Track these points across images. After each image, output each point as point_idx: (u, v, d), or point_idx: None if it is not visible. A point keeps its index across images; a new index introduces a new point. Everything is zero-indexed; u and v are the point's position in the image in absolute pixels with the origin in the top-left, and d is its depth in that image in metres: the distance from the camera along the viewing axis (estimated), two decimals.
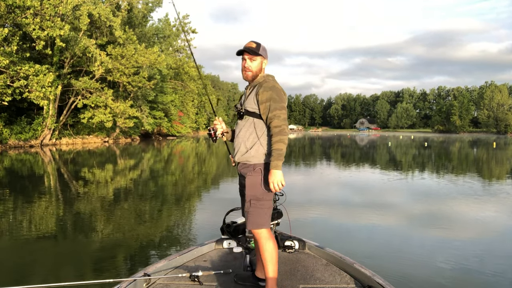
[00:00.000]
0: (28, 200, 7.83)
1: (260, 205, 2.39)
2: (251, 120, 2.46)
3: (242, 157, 2.47)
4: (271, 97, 2.37)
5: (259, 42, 2.50)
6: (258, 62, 2.48)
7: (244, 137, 2.47)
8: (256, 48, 2.46)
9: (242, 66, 2.50)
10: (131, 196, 8.41)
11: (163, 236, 5.30)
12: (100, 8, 25.84)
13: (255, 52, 2.45)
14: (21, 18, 21.09)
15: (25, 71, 21.46)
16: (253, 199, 2.40)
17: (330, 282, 2.64)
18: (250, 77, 2.50)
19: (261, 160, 2.42)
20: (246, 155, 2.44)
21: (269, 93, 2.38)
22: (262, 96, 2.39)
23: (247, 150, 2.44)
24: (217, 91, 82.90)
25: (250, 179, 2.42)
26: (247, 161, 2.44)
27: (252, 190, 2.41)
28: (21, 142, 24.83)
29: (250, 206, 2.40)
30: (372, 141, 43.72)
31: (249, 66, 2.48)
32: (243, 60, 2.49)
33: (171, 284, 2.61)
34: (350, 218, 6.27)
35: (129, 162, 16.87)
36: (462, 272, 3.93)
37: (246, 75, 2.50)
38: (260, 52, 2.47)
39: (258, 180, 2.40)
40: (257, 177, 2.41)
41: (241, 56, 2.51)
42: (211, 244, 3.35)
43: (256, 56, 2.47)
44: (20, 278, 3.70)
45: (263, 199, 2.40)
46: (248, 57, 2.47)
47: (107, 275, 3.66)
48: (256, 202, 2.39)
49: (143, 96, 34.29)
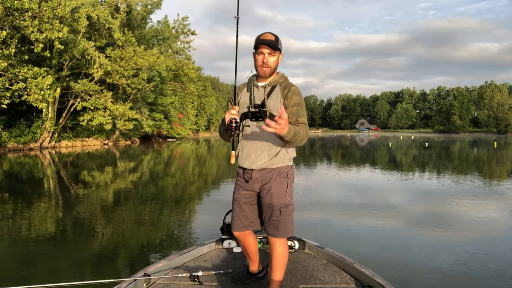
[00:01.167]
0: (28, 203, 7.78)
1: (289, 211, 2.32)
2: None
3: (265, 164, 2.29)
4: (300, 103, 2.25)
5: (276, 35, 2.26)
6: (276, 57, 2.28)
7: (266, 144, 2.29)
8: (276, 42, 2.23)
9: (259, 61, 2.26)
10: (131, 198, 8.37)
11: (163, 237, 5.29)
12: (99, 10, 25.81)
13: (276, 46, 2.23)
14: (20, 20, 21.06)
15: (24, 74, 21.41)
16: (283, 206, 2.29)
17: (330, 282, 2.63)
18: (268, 73, 2.29)
19: (285, 164, 2.31)
20: (271, 161, 2.29)
21: (298, 98, 2.26)
22: (291, 100, 2.25)
23: (271, 157, 2.29)
24: (217, 93, 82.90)
25: (277, 186, 2.28)
26: (270, 165, 2.29)
27: (281, 198, 2.29)
28: (20, 145, 24.78)
29: (280, 215, 2.29)
30: (372, 142, 43.67)
31: (268, 61, 2.25)
32: (261, 54, 2.25)
33: (171, 284, 2.60)
34: (350, 218, 6.24)
35: (129, 165, 16.82)
36: (462, 272, 3.91)
37: (264, 72, 2.27)
38: (279, 46, 2.26)
39: (285, 186, 2.29)
40: (283, 183, 2.29)
41: (254, 50, 2.28)
42: (211, 244, 3.34)
43: (275, 51, 2.25)
44: (20, 278, 3.70)
45: (290, 204, 2.32)
46: (268, 51, 2.23)
47: (107, 275, 3.67)
48: (286, 209, 2.30)
49: (142, 98, 34.26)
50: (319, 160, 18.84)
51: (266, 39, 2.22)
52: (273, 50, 2.24)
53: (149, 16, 38.32)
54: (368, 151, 26.71)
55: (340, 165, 16.44)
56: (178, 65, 44.69)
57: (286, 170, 2.31)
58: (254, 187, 2.35)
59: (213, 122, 78.23)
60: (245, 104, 2.36)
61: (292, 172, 2.34)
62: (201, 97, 63.52)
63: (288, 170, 2.32)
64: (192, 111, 55.29)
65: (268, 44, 2.21)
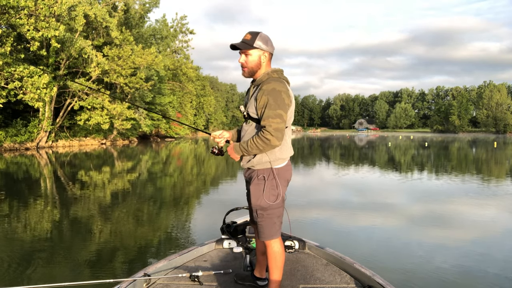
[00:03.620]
0: (25, 203, 7.69)
1: (268, 214, 2.27)
2: (254, 125, 2.28)
3: (247, 164, 2.32)
4: (267, 103, 2.13)
5: (257, 32, 2.20)
6: (255, 56, 2.20)
7: None
8: (250, 40, 2.17)
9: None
10: (130, 198, 8.31)
11: (163, 237, 5.31)
12: (96, 8, 25.64)
13: (248, 45, 2.17)
14: (15, 18, 20.88)
15: (20, 73, 21.24)
16: (259, 209, 2.28)
17: (330, 282, 2.63)
18: (247, 73, 2.25)
19: (264, 166, 2.26)
20: (250, 163, 2.29)
21: (266, 98, 2.13)
22: (260, 101, 2.16)
23: (249, 159, 2.29)
24: (215, 93, 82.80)
25: (254, 188, 2.28)
26: (252, 166, 2.30)
27: (257, 199, 2.27)
28: (17, 145, 24.60)
29: (257, 217, 2.30)
30: (371, 142, 43.65)
31: (243, 62, 2.23)
32: (240, 56, 2.25)
33: (171, 284, 2.61)
34: (350, 218, 6.23)
35: (127, 164, 16.69)
36: (462, 272, 3.91)
37: (242, 72, 2.26)
38: (255, 44, 2.17)
39: (261, 189, 2.25)
40: (260, 185, 2.26)
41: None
42: (211, 244, 3.34)
43: (250, 50, 2.19)
44: (20, 278, 3.69)
45: (269, 208, 2.26)
46: (242, 52, 2.21)
47: (107, 275, 3.67)
48: (263, 212, 2.27)
49: (140, 97, 34.09)
50: (318, 160, 18.77)
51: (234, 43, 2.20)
52: (246, 50, 2.19)
53: (147, 14, 38.19)
54: (367, 151, 26.64)
55: (339, 165, 16.38)
56: (177, 64, 44.54)
57: (263, 172, 2.26)
58: (247, 185, 2.42)
59: (212, 121, 78.15)
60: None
61: (273, 176, 2.25)
62: (200, 96, 63.41)
63: (266, 173, 2.25)
64: (191, 110, 55.19)
65: (234, 47, 2.20)
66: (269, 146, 2.13)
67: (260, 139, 2.14)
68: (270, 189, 2.25)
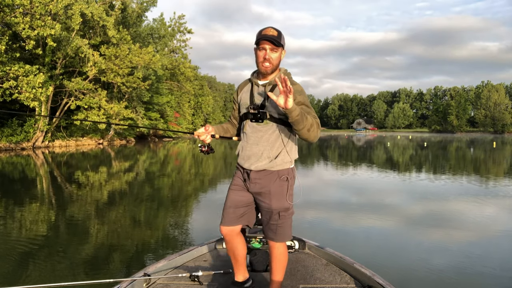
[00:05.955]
0: (21, 204, 7.58)
1: (288, 215, 2.26)
2: (275, 126, 2.19)
3: (265, 165, 2.20)
4: (305, 102, 2.13)
5: (279, 30, 2.13)
6: (279, 53, 2.14)
7: (266, 145, 2.20)
8: (279, 37, 2.09)
9: (261, 57, 2.12)
10: (128, 198, 8.24)
11: (163, 237, 5.30)
12: (93, 7, 25.44)
13: (278, 42, 2.08)
14: (10, 17, 20.68)
15: (15, 72, 21.04)
16: (282, 210, 2.22)
17: (330, 282, 2.63)
18: (270, 70, 2.16)
19: (285, 166, 2.22)
20: (271, 163, 2.20)
21: (302, 97, 2.13)
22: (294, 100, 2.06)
23: (271, 159, 2.20)
24: (214, 92, 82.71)
25: (276, 189, 2.20)
26: (270, 167, 2.21)
27: (280, 201, 2.21)
28: (12, 145, 24.37)
29: (279, 219, 2.23)
30: (370, 142, 43.65)
31: (270, 57, 2.11)
32: (262, 50, 2.11)
33: (171, 284, 2.61)
34: (350, 218, 6.21)
35: (124, 165, 16.56)
36: (462, 272, 3.90)
37: (265, 68, 2.14)
38: (282, 42, 2.13)
39: (285, 189, 2.22)
40: (283, 186, 2.22)
41: (256, 46, 2.14)
42: (211, 244, 3.33)
43: (278, 47, 2.12)
44: (20, 278, 3.68)
45: (290, 208, 2.26)
46: (270, 47, 2.10)
47: (107, 275, 3.67)
48: (285, 213, 2.24)
49: (138, 97, 33.92)
50: (317, 160, 18.71)
51: (268, 34, 2.09)
52: (275, 46, 2.11)
53: (144, 14, 38.01)
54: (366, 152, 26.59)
55: (338, 165, 16.33)
56: (175, 63, 44.33)
57: (286, 173, 2.23)
58: (251, 187, 2.27)
59: (210, 121, 78.03)
60: (245, 104, 2.28)
61: (293, 175, 2.27)
62: (198, 96, 63.29)
63: (288, 173, 2.24)
64: (189, 110, 55.06)
65: (270, 39, 2.07)
66: (315, 133, 2.05)
67: (316, 124, 2.06)
68: (291, 189, 2.25)
